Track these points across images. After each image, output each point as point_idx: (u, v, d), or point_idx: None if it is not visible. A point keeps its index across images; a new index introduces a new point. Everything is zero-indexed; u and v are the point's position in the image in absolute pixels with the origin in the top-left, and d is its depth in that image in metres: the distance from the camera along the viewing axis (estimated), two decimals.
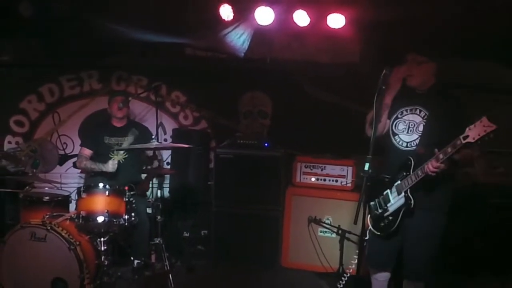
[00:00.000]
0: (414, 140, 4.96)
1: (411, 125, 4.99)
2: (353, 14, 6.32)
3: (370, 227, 5.13)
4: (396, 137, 5.03)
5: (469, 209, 6.67)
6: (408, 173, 4.82)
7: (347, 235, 6.72)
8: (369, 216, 5.12)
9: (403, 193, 4.82)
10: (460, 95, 5.07)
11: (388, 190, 4.96)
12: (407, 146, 5.00)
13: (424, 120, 4.94)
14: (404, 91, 5.08)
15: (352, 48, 7.27)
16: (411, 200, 4.80)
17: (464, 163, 4.79)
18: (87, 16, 6.64)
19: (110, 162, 6.84)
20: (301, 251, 7.25)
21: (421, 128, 4.94)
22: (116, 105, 7.08)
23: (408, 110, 5.03)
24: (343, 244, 6.69)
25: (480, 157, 7.29)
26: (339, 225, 6.86)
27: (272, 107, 8.68)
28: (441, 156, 4.53)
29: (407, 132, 5.00)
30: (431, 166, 4.60)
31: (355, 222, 4.60)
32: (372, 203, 5.07)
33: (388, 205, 4.93)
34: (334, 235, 6.96)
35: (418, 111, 4.99)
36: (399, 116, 5.06)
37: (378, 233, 5.07)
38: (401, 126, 5.03)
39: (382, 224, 5.00)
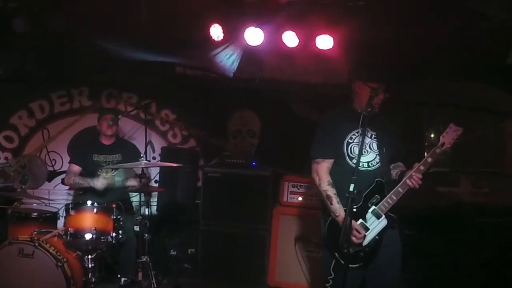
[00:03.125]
0: (374, 159, 4.93)
1: (364, 146, 4.84)
2: (342, 35, 6.38)
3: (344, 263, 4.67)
4: (354, 160, 4.81)
5: (454, 229, 6.72)
6: (382, 195, 4.78)
7: None
8: (339, 256, 4.74)
9: (383, 215, 4.74)
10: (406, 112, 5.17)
11: (362, 220, 4.77)
12: (369, 166, 4.93)
13: (374, 140, 4.96)
14: (348, 115, 5.00)
15: (340, 68, 7.33)
16: (393, 217, 4.80)
17: None
18: (80, 33, 6.69)
19: (100, 179, 6.86)
20: (287, 270, 7.24)
21: (374, 146, 4.95)
22: (106, 123, 7.10)
23: (356, 133, 4.90)
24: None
25: (465, 177, 7.37)
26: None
27: (260, 126, 8.73)
28: (421, 167, 4.70)
29: (362, 153, 4.82)
30: (417, 179, 4.67)
31: (341, 243, 4.57)
32: (340, 242, 4.55)
33: (367, 233, 4.74)
34: (320, 254, 6.99)
35: (365, 132, 4.85)
36: (350, 140, 4.94)
37: (356, 266, 4.78)
38: (356, 150, 4.85)
39: (362, 254, 4.78)
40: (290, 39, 6.54)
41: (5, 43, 7.10)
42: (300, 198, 7.32)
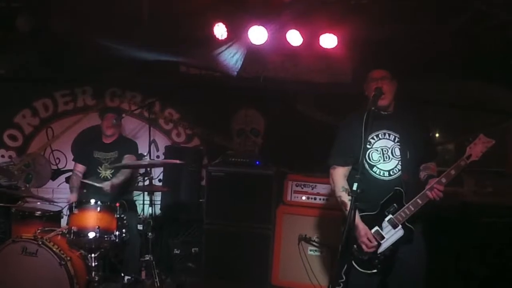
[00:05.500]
0: (395, 167, 4.76)
1: (385, 151, 4.79)
2: (345, 34, 6.39)
3: (358, 268, 4.70)
4: (374, 168, 4.76)
5: (457, 229, 6.70)
6: (400, 205, 4.64)
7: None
8: (354, 262, 4.69)
9: (400, 225, 4.63)
10: (417, 110, 5.09)
11: (377, 228, 4.68)
12: (390, 175, 4.78)
13: (397, 144, 4.79)
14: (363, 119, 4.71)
15: (344, 67, 7.33)
16: (411, 229, 4.68)
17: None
18: (83, 32, 6.70)
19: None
20: (291, 269, 7.24)
21: (397, 152, 4.78)
22: (107, 122, 7.12)
23: (376, 137, 4.81)
24: (333, 263, 6.72)
25: (469, 177, 7.35)
26: (329, 244, 6.89)
27: (264, 125, 8.72)
28: (443, 180, 4.54)
29: (384, 160, 4.77)
30: (438, 192, 4.54)
31: (345, 243, 4.56)
32: (355, 246, 4.69)
33: (382, 242, 4.64)
34: (324, 253, 6.99)
35: (387, 135, 4.81)
36: (368, 146, 4.78)
37: (370, 272, 4.70)
38: (375, 156, 4.78)
39: (377, 261, 4.68)
40: (294, 38, 6.55)
41: (9, 43, 7.11)
42: (304, 197, 7.32)
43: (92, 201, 6.08)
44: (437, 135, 8.37)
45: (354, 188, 4.29)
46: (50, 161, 8.57)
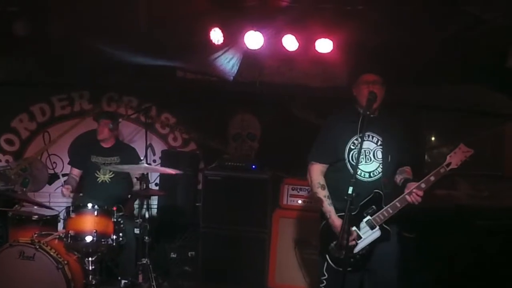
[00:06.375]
0: (376, 169, 4.86)
1: (367, 153, 4.85)
2: (341, 39, 6.41)
3: (334, 266, 4.80)
4: (356, 169, 4.65)
5: (453, 232, 6.71)
6: (379, 207, 4.74)
7: None
8: (329, 259, 4.83)
9: (377, 227, 4.72)
10: (407, 115, 5.10)
11: (355, 227, 4.73)
12: (370, 177, 4.86)
13: (380, 147, 4.87)
14: (351, 117, 4.90)
15: (340, 72, 7.34)
16: (388, 230, 4.77)
17: None
18: (80, 37, 6.71)
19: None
20: (287, 273, 7.26)
21: (379, 154, 4.87)
22: (101, 128, 7.16)
23: (360, 138, 4.70)
24: None
25: (464, 181, 7.37)
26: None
27: (260, 129, 8.73)
28: (423, 185, 4.63)
29: (366, 162, 4.84)
30: (416, 197, 4.63)
31: (333, 247, 4.62)
32: (332, 244, 4.76)
33: (359, 241, 4.73)
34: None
35: (370, 138, 4.87)
36: (352, 146, 4.84)
37: (348, 269, 4.65)
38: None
39: (352, 260, 4.71)
40: (290, 42, 6.57)
41: (6, 47, 7.12)
42: (300, 201, 7.34)
43: (89, 205, 6.10)
44: (433, 138, 8.39)
45: (350, 191, 4.34)
46: (47, 165, 8.58)
